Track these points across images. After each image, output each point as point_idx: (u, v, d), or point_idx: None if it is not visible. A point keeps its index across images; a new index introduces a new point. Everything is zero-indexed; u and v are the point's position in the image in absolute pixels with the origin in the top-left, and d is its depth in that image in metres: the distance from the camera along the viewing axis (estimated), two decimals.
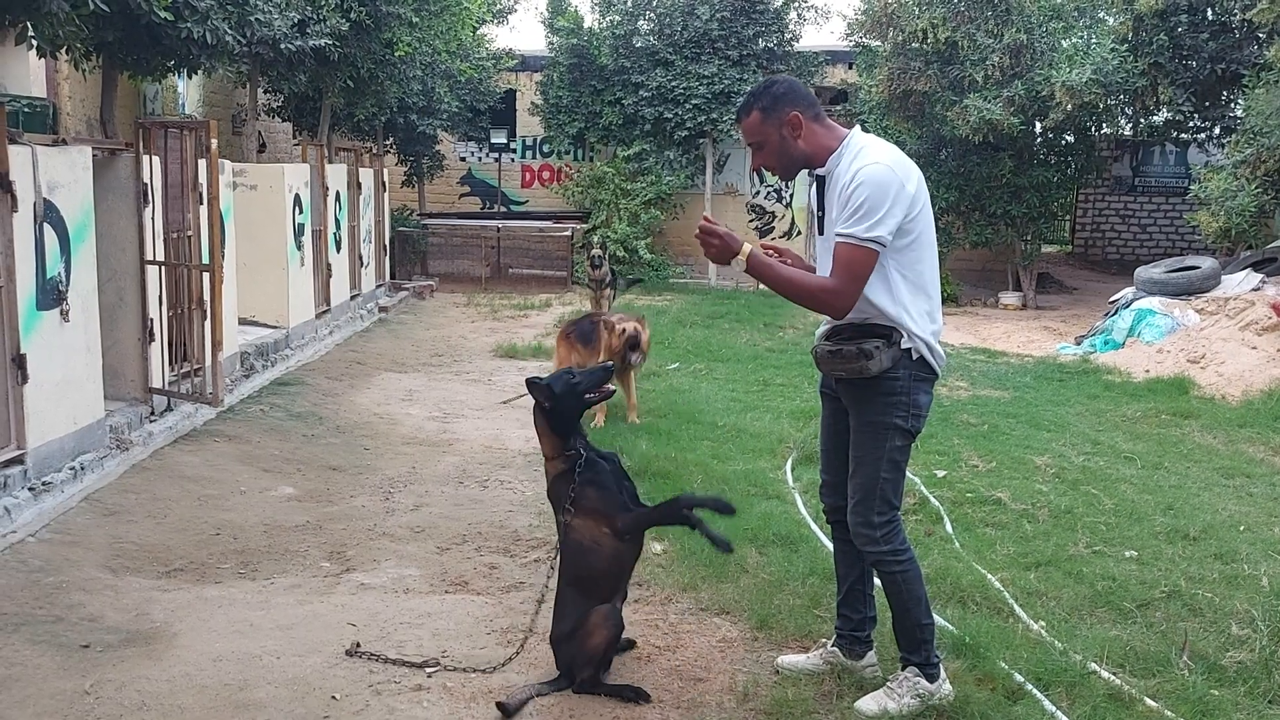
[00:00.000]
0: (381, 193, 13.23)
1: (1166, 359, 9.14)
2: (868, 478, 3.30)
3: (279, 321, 9.08)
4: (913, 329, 3.22)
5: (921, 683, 3.32)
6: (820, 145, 3.26)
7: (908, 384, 3.24)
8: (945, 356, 3.38)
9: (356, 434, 6.85)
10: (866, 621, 3.60)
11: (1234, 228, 11.11)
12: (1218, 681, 3.53)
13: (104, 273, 5.99)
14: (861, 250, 3.09)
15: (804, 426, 7.05)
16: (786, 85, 3.29)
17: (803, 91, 3.30)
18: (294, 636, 3.81)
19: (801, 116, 3.23)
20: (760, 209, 18.25)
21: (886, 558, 3.31)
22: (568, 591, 3.54)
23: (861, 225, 3.08)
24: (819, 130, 3.26)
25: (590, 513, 3.48)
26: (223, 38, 6.81)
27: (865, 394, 3.27)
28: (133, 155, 6.24)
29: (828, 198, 3.27)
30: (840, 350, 3.23)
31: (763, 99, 3.26)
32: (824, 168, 3.27)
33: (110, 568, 4.44)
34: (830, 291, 3.15)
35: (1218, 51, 12.73)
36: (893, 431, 3.26)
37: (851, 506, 3.35)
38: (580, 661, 3.43)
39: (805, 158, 3.28)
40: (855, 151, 3.20)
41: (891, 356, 3.19)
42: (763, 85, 3.31)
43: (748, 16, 15.68)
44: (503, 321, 12.36)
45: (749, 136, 3.31)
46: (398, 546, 4.84)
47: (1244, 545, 4.85)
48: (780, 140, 3.26)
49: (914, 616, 3.33)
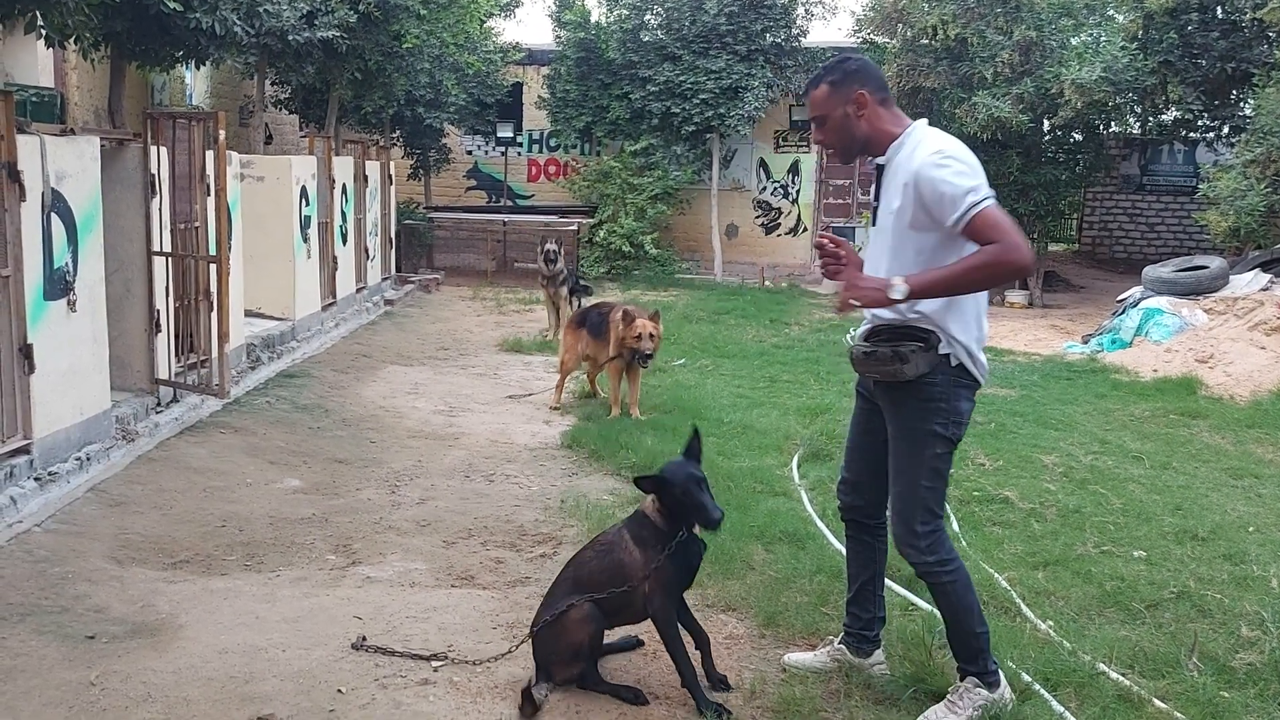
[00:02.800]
0: (388, 185, 13.21)
1: (1175, 358, 9.10)
2: (908, 487, 3.22)
3: (285, 314, 9.07)
4: (955, 334, 3.12)
5: (982, 692, 3.24)
6: (883, 130, 3.19)
7: (946, 390, 3.15)
8: (987, 365, 3.26)
9: (362, 427, 6.85)
10: (875, 621, 3.57)
11: (1243, 227, 11.07)
12: (1227, 683, 3.51)
13: (111, 263, 5.98)
14: (987, 208, 2.93)
15: (810, 423, 7.04)
16: (859, 63, 3.23)
17: (875, 73, 3.23)
18: (300, 629, 3.81)
19: (868, 96, 3.17)
20: (766, 205, 18.22)
21: (934, 568, 3.23)
22: (566, 584, 3.51)
23: (966, 195, 2.93)
24: (884, 115, 3.20)
25: (655, 576, 3.40)
26: (231, 28, 6.81)
27: (902, 399, 3.18)
28: (140, 146, 6.22)
29: (884, 185, 3.20)
30: (875, 352, 3.15)
31: (834, 73, 3.20)
32: (884, 155, 3.20)
33: (116, 559, 4.44)
34: (1001, 252, 2.90)
35: (1228, 50, 12.67)
36: (932, 439, 3.17)
37: (893, 516, 3.28)
38: (557, 658, 3.40)
39: (865, 140, 3.21)
40: (918, 141, 3.12)
41: (928, 361, 3.10)
42: (836, 60, 3.25)
43: (755, 11, 15.62)
44: (508, 315, 12.35)
45: (813, 109, 3.24)
46: (404, 540, 4.83)
47: (1253, 546, 4.82)
48: (843, 117, 3.19)
49: (967, 625, 3.26)
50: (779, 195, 18.16)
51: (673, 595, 3.41)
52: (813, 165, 17.97)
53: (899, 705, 3.36)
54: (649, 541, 3.43)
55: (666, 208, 16.36)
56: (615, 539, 3.51)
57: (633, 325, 7.00)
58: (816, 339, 11.09)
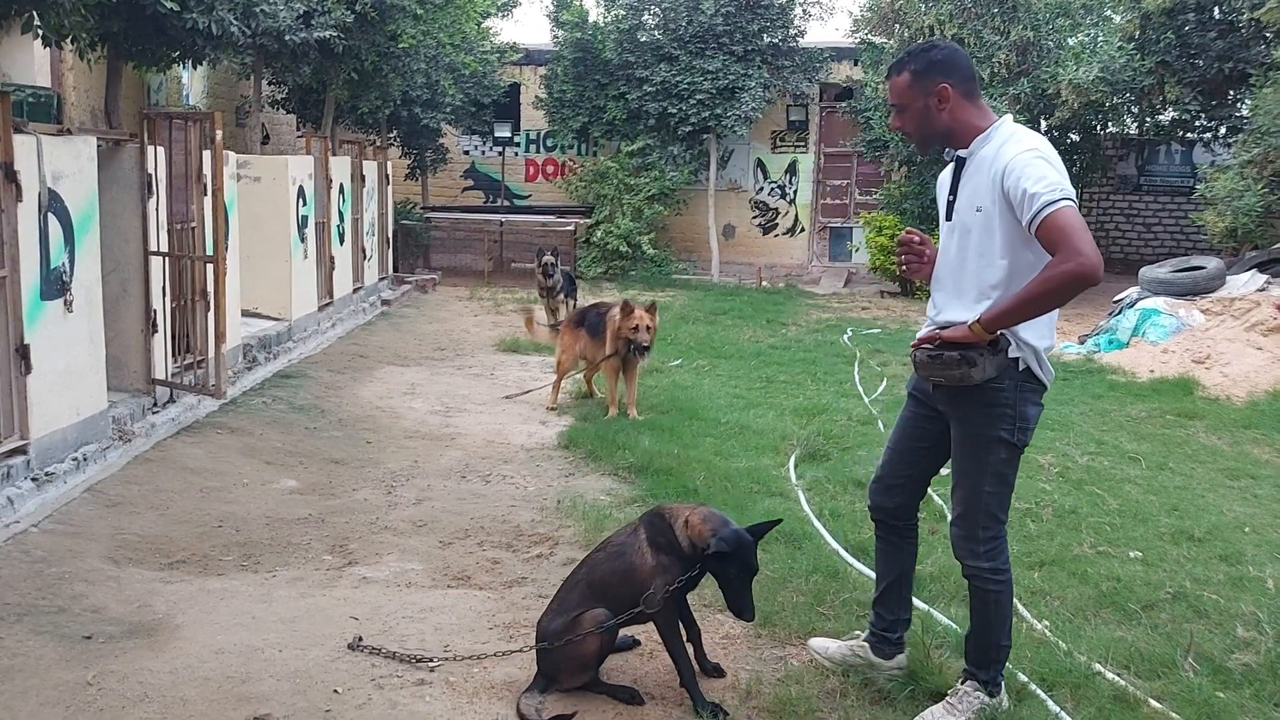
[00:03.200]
0: (385, 185, 13.21)
1: (1171, 359, 9.11)
2: (972, 492, 3.16)
3: (282, 314, 9.07)
4: (1026, 338, 3.05)
5: (982, 696, 3.24)
6: (966, 124, 3.12)
7: (1013, 395, 3.07)
8: (1053, 371, 3.22)
9: (359, 427, 6.85)
10: (899, 623, 3.51)
11: (1240, 228, 11.10)
12: (1223, 684, 3.52)
13: (108, 263, 5.97)
14: (1063, 209, 2.84)
15: (807, 424, 7.04)
16: (946, 53, 3.16)
17: (962, 63, 3.15)
18: (296, 629, 3.80)
19: (952, 90, 3.10)
20: (764, 205, 18.24)
21: (986, 574, 3.18)
22: (579, 588, 3.50)
23: (1046, 193, 2.85)
24: (969, 108, 3.13)
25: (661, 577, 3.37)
26: (228, 28, 6.81)
27: (967, 404, 3.12)
28: (137, 146, 6.22)
29: (964, 180, 3.14)
30: (941, 355, 3.08)
31: (917, 61, 3.13)
32: (967, 149, 3.13)
33: (113, 559, 4.43)
34: (1069, 264, 2.81)
35: (1225, 50, 12.69)
36: (997, 445, 3.10)
37: (954, 519, 3.24)
38: (567, 667, 3.38)
39: (946, 132, 3.14)
40: (1006, 137, 3.06)
41: (997, 365, 3.03)
42: (921, 47, 3.17)
43: (752, 12, 15.64)
44: (505, 316, 12.33)
45: (893, 96, 3.17)
46: (400, 540, 4.83)
47: (1249, 547, 4.83)
48: (924, 108, 3.12)
49: (995, 635, 3.24)
50: (776, 196, 18.18)
51: (675, 596, 3.40)
52: (810, 165, 17.99)
53: (895, 705, 3.36)
54: (665, 549, 3.39)
55: (663, 208, 16.38)
56: (629, 542, 3.48)
57: (630, 316, 7.04)
58: (813, 339, 11.10)
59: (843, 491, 5.57)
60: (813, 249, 18.12)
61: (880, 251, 14.96)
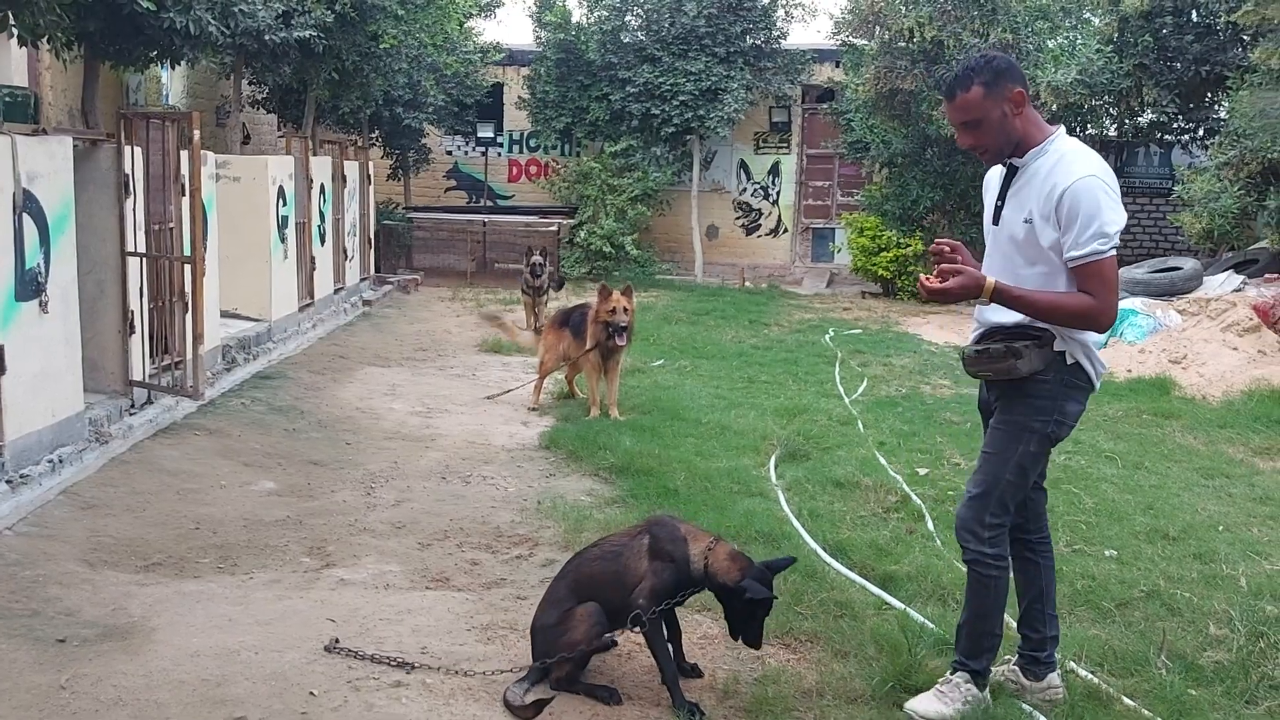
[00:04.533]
0: (366, 186, 13.16)
1: (1148, 359, 9.18)
2: (991, 477, 3.21)
3: (261, 314, 9.02)
4: (1071, 333, 3.12)
5: (972, 689, 3.26)
6: (1029, 133, 3.15)
7: (1057, 389, 3.14)
8: (1105, 366, 3.29)
9: (338, 428, 6.82)
10: (1047, 641, 3.43)
11: (1216, 229, 11.19)
12: (1195, 681, 3.55)
13: (84, 264, 5.93)
14: (1106, 260, 3.01)
15: (788, 424, 7.06)
16: (1007, 60, 3.19)
17: (1020, 70, 3.19)
18: (273, 632, 3.79)
19: (1024, 94, 3.13)
20: (746, 206, 18.27)
21: (987, 560, 3.22)
22: (561, 586, 3.53)
23: (1098, 238, 2.99)
24: (1032, 116, 3.17)
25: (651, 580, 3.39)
26: (206, 28, 6.76)
27: (1013, 397, 3.17)
28: (114, 146, 6.18)
29: (1014, 189, 3.18)
30: (988, 350, 3.15)
31: (984, 73, 3.11)
32: (1021, 159, 3.16)
33: (88, 562, 4.40)
34: (1095, 307, 3.04)
35: (1202, 53, 12.80)
36: (1029, 435, 3.17)
37: (966, 500, 3.27)
38: (559, 654, 3.41)
39: (1019, 140, 3.15)
40: (1060, 155, 3.10)
41: (1042, 358, 3.10)
42: (981, 60, 3.16)
43: (735, 13, 15.66)
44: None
45: (965, 114, 3.14)
46: (379, 542, 4.82)
47: (1223, 545, 4.87)
48: (1002, 117, 3.12)
49: (988, 624, 3.28)
50: (759, 197, 18.22)
51: (659, 599, 3.40)
52: (792, 167, 18.04)
53: (871, 703, 3.38)
54: (666, 560, 3.40)
55: (647, 209, 16.37)
56: (627, 545, 3.49)
57: (607, 300, 7.08)
58: (795, 340, 11.13)
59: (822, 491, 5.59)
60: (795, 250, 18.16)
61: (862, 253, 15.01)
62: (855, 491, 5.61)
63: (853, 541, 4.77)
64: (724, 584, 3.37)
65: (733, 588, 3.34)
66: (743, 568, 3.37)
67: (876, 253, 14.83)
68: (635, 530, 3.59)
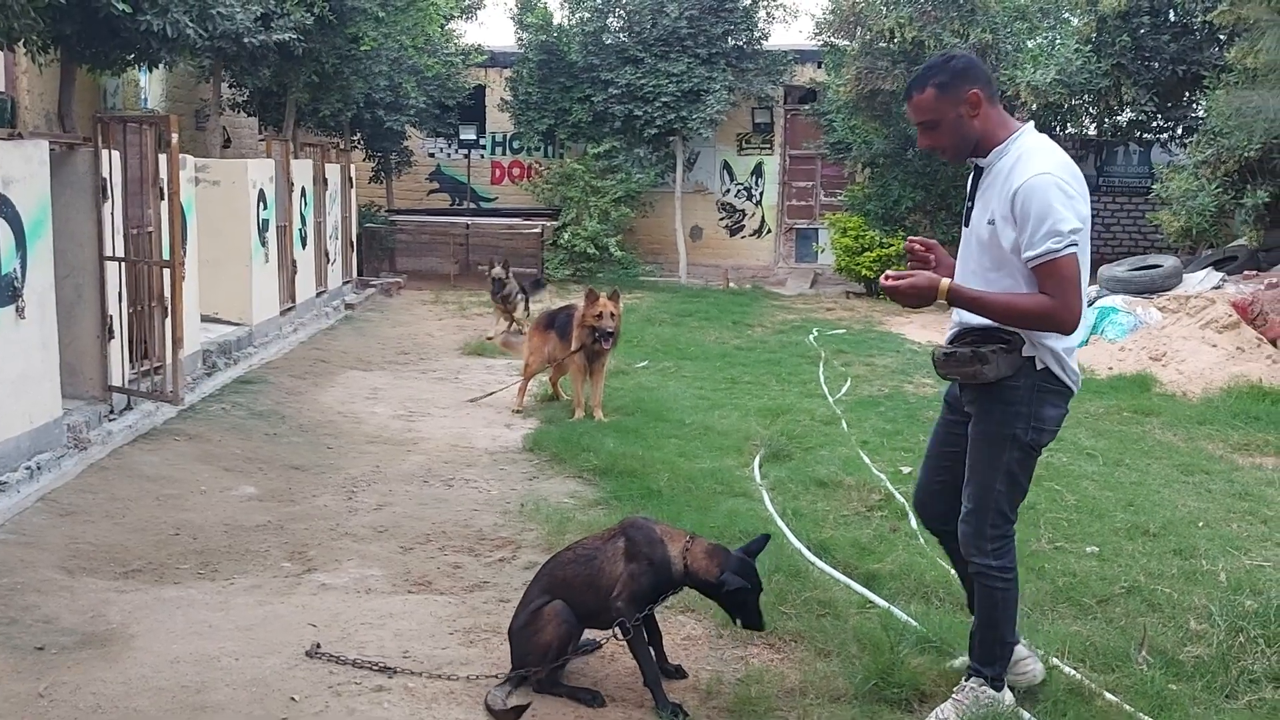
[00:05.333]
0: (348, 189, 13.11)
1: (1129, 356, 9.23)
2: (982, 489, 3.20)
3: (242, 319, 8.98)
4: (1040, 338, 3.09)
5: (987, 690, 3.25)
6: (991, 132, 3.12)
7: (1029, 394, 3.11)
8: (1079, 372, 3.26)
9: (320, 433, 6.79)
10: None
11: (1195, 227, 11.26)
12: (1176, 676, 3.57)
13: (61, 269, 5.89)
14: (1062, 259, 2.96)
15: (771, 424, 7.07)
16: (966, 60, 3.16)
17: (983, 69, 3.16)
18: (253, 638, 3.77)
19: (982, 95, 3.09)
20: (730, 207, 18.30)
21: (994, 572, 3.21)
22: (535, 589, 3.53)
23: (1050, 237, 2.94)
24: (994, 115, 3.12)
25: (627, 582, 3.40)
26: (183, 30, 6.73)
27: (987, 403, 3.15)
28: (91, 150, 6.13)
29: (980, 190, 3.16)
30: (955, 354, 3.14)
31: (940, 73, 3.10)
32: (985, 159, 3.15)
33: (66, 568, 4.37)
34: (1053, 307, 2.99)
35: (1179, 53, 12.88)
36: (1010, 444, 3.14)
37: (963, 516, 3.25)
38: (532, 657, 3.40)
39: (978, 140, 3.13)
40: (1020, 153, 3.07)
41: (1010, 363, 3.07)
42: (940, 59, 3.16)
43: (717, 15, 15.68)
44: (471, 319, 12.29)
45: (920, 114, 3.14)
46: (360, 546, 4.80)
47: (1203, 541, 4.90)
48: (957, 119, 3.10)
49: (1000, 633, 3.27)
50: (743, 197, 18.24)
51: (639, 602, 3.40)
52: (775, 167, 18.08)
53: (854, 702, 3.38)
54: (644, 562, 3.39)
55: (630, 210, 16.36)
56: (602, 549, 3.48)
57: (594, 304, 7.07)
58: (779, 340, 11.14)
59: (805, 491, 5.59)
60: (779, 250, 18.19)
61: (845, 253, 15.05)
62: (838, 491, 5.62)
63: (836, 540, 4.77)
64: (706, 581, 3.38)
65: (715, 583, 3.35)
66: (720, 562, 3.37)
67: (859, 253, 14.87)
68: (610, 533, 3.57)
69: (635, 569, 3.39)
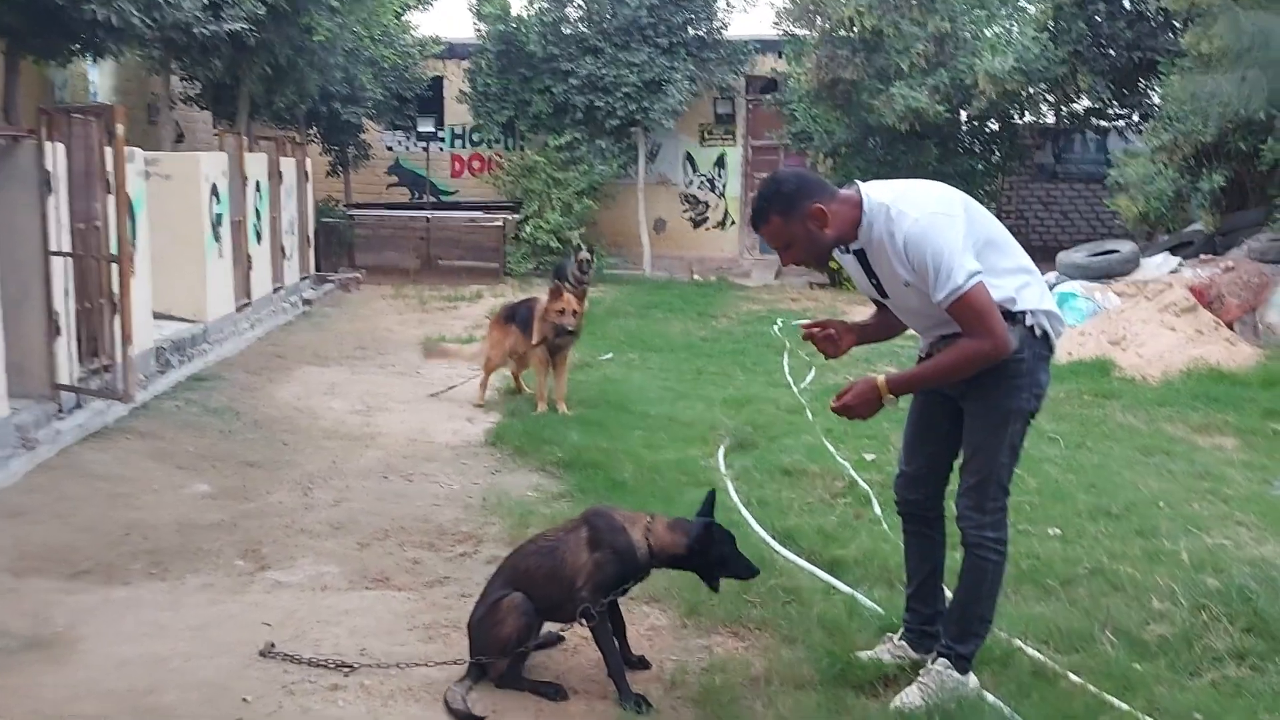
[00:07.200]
0: (305, 183, 12.91)
1: (1088, 341, 9.29)
2: (987, 464, 3.20)
3: (196, 315, 8.80)
4: (1033, 304, 3.11)
5: (953, 674, 3.24)
6: (845, 223, 3.12)
7: (1032, 363, 3.13)
8: (1064, 324, 3.29)
9: (275, 429, 6.66)
10: (937, 616, 3.46)
11: (1152, 212, 11.38)
12: (1139, 655, 3.57)
13: (5, 265, 5.73)
14: (969, 292, 2.96)
15: (736, 414, 7.04)
16: (795, 179, 3.18)
17: (812, 179, 3.20)
18: (205, 638, 3.67)
19: (824, 208, 3.09)
20: (694, 199, 18.26)
21: (990, 543, 3.21)
22: (497, 582, 3.47)
23: (950, 280, 2.95)
24: (839, 210, 3.12)
25: (593, 573, 3.34)
26: (129, 19, 6.57)
27: (990, 378, 3.12)
28: (35, 142, 5.96)
29: (874, 267, 3.17)
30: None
31: (777, 202, 3.12)
32: (856, 242, 3.15)
33: (12, 570, 4.24)
34: (982, 345, 3.01)
35: (1135, 39, 13.01)
36: (1015, 416, 3.16)
37: (964, 490, 3.25)
38: (491, 650, 3.34)
39: (835, 241, 3.16)
40: (883, 213, 3.06)
41: (1018, 336, 3.08)
42: (770, 188, 3.16)
43: (676, 4, 15.59)
44: (431, 314, 12.16)
45: (774, 240, 3.18)
46: (316, 543, 4.70)
47: (1164, 521, 4.92)
48: (808, 234, 3.12)
49: (981, 609, 3.27)
50: (706, 189, 18.21)
51: (605, 591, 3.34)
52: (738, 158, 18.06)
53: (817, 689, 3.34)
54: (608, 550, 3.34)
55: (593, 202, 16.24)
56: (563, 540, 3.43)
57: (558, 300, 6.99)
58: (743, 331, 11.13)
59: (770, 480, 5.56)
60: (743, 242, 18.18)
61: None
62: (803, 479, 5.59)
63: (800, 528, 4.74)
64: (675, 554, 3.37)
65: (687, 552, 3.35)
66: (685, 531, 3.38)
67: None
68: (572, 524, 3.52)
69: (600, 557, 3.35)
